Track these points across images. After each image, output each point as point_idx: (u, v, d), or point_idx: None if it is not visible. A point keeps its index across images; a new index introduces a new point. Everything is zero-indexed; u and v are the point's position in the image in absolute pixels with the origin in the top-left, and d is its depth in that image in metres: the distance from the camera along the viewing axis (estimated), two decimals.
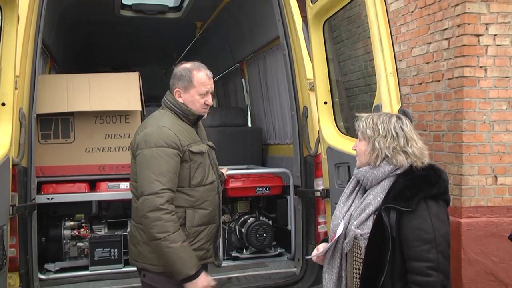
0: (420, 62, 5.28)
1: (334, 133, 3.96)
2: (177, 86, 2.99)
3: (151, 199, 2.74)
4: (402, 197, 2.30)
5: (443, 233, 2.27)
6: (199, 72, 2.98)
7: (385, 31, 3.26)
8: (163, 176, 2.77)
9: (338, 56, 6.75)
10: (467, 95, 4.65)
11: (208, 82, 3.00)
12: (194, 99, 2.97)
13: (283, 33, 4.40)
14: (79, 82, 4.31)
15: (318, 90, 3.96)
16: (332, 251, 2.50)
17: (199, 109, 3.00)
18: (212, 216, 3.02)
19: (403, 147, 2.40)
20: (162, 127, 2.86)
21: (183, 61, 3.08)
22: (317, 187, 4.19)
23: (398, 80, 3.26)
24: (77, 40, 7.03)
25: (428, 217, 2.27)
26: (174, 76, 3.01)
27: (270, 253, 4.85)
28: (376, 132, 2.43)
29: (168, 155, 2.80)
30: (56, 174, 4.34)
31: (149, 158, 2.80)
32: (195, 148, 2.92)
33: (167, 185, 2.77)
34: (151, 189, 2.75)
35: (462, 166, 4.67)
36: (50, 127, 4.34)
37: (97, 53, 8.26)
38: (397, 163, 2.39)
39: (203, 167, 2.96)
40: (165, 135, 2.83)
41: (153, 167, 2.78)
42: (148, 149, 2.82)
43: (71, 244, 4.45)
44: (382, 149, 2.41)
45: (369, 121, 2.48)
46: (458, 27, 4.69)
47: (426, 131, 5.14)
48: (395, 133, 2.42)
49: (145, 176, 2.79)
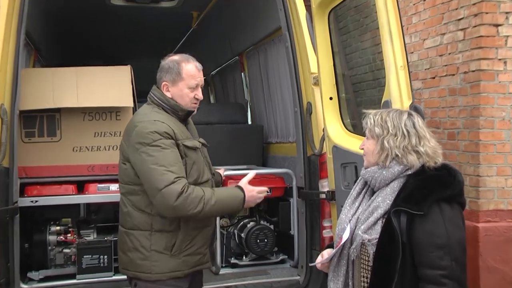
0: (433, 55, 5.26)
1: (340, 131, 3.95)
2: (164, 79, 3.00)
3: (169, 190, 2.73)
4: (413, 200, 2.29)
5: (457, 239, 2.26)
6: (188, 64, 2.99)
7: (395, 21, 3.25)
8: (172, 165, 2.78)
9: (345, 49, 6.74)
10: (485, 90, 4.64)
11: (197, 74, 3.01)
12: (183, 93, 2.98)
13: (285, 23, 4.40)
14: (66, 76, 4.31)
15: (323, 85, 3.96)
16: (338, 257, 2.49)
17: (189, 104, 3.01)
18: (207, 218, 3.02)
19: (415, 146, 2.39)
20: (155, 121, 2.87)
21: (170, 54, 3.09)
22: (322, 188, 4.19)
23: (409, 74, 3.25)
24: (64, 31, 7.02)
25: (442, 221, 2.26)
26: (162, 69, 3.02)
27: (271, 259, 4.85)
28: (385, 130, 2.42)
29: (168, 145, 2.82)
30: (40, 175, 4.33)
31: (152, 152, 2.80)
32: (189, 143, 2.94)
33: (179, 173, 2.79)
34: (166, 181, 2.74)
35: (479, 166, 4.65)
36: (34, 124, 4.34)
37: (86, 45, 8.25)
38: (408, 163, 2.38)
39: (198, 164, 2.97)
40: (160, 128, 2.83)
41: (159, 160, 2.78)
42: (147, 146, 2.81)
43: (57, 250, 4.44)
44: (392, 149, 2.40)
45: (377, 118, 2.46)
46: (475, 17, 4.68)
47: (440, 128, 5.12)
48: (406, 131, 2.40)
49: (153, 172, 2.78)
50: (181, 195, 2.74)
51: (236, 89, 7.35)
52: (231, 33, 6.76)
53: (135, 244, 2.90)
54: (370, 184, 2.49)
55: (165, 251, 2.89)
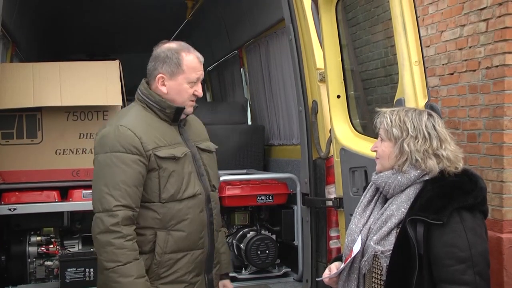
0: (451, 48, 5.26)
1: (348, 132, 3.95)
2: (160, 71, 2.80)
3: (101, 218, 2.61)
4: (432, 208, 2.28)
5: (481, 251, 2.26)
6: (188, 55, 2.82)
7: (409, 12, 3.24)
8: (117, 189, 2.62)
9: (354, 42, 6.75)
10: (509, 87, 4.63)
11: (199, 66, 2.86)
12: (182, 88, 2.82)
13: (289, 14, 4.39)
14: (47, 72, 4.31)
15: (330, 82, 3.96)
16: (348, 271, 2.48)
17: (186, 101, 2.85)
18: (193, 239, 2.81)
19: (436, 149, 2.39)
20: (120, 126, 2.71)
21: (164, 41, 2.92)
22: (328, 195, 4.19)
23: (424, 69, 3.25)
24: (45, 22, 7.02)
25: (463, 231, 2.25)
26: (157, 58, 2.82)
27: (273, 273, 4.86)
28: (405, 132, 2.42)
29: (124, 162, 2.65)
30: (20, 181, 4.34)
31: (103, 166, 2.69)
32: (163, 153, 2.73)
33: (123, 201, 2.62)
34: (102, 206, 2.62)
35: (503, 171, 4.65)
36: (12, 125, 4.34)
37: (70, 37, 8.27)
38: (426, 168, 2.38)
39: (177, 176, 2.76)
40: (122, 137, 2.68)
41: (106, 178, 2.65)
42: (102, 154, 2.71)
43: (38, 263, 4.44)
44: (412, 153, 2.39)
45: (395, 118, 2.46)
46: (499, 6, 4.67)
47: (459, 129, 5.12)
48: (427, 133, 2.41)
49: (96, 190, 2.69)
50: (106, 233, 2.60)
51: (235, 87, 7.36)
52: (229, 24, 6.76)
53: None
54: (382, 190, 2.48)
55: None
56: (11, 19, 5.05)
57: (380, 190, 2.50)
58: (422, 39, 3.34)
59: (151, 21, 7.23)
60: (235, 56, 7.02)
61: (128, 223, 2.64)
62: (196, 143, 2.96)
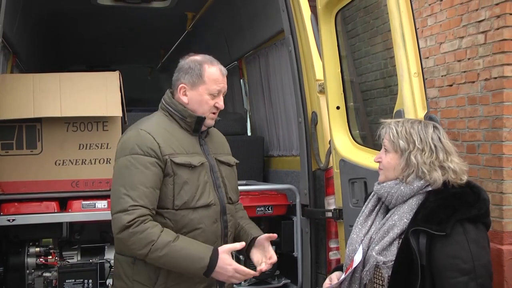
0: (450, 60, 5.27)
1: (348, 143, 3.95)
2: (182, 81, 2.87)
3: (119, 218, 2.63)
4: (435, 219, 2.28)
5: (484, 263, 2.25)
6: (211, 67, 2.87)
7: (408, 24, 3.25)
8: (134, 189, 2.65)
9: (353, 53, 6.77)
10: (508, 99, 4.64)
11: (221, 79, 2.90)
12: (203, 99, 2.85)
13: (288, 25, 4.41)
14: (47, 83, 4.30)
15: (330, 93, 3.96)
16: (349, 281, 2.47)
17: (206, 113, 2.87)
18: None
19: (442, 161, 2.39)
20: (140, 130, 2.77)
21: (191, 53, 2.97)
22: (328, 206, 4.18)
23: (423, 81, 3.25)
24: (46, 33, 7.03)
25: (466, 243, 2.25)
26: (180, 69, 2.89)
27: (273, 284, 4.82)
28: (412, 144, 2.42)
29: (142, 163, 2.69)
30: (19, 191, 4.31)
31: (122, 168, 2.72)
32: (180, 159, 2.76)
33: (140, 201, 2.64)
34: (120, 206, 2.65)
35: (503, 182, 4.65)
36: (12, 135, 4.32)
37: (70, 48, 8.27)
38: (431, 179, 2.37)
39: (192, 185, 2.77)
40: (141, 140, 2.73)
41: (124, 179, 2.69)
42: (122, 157, 2.74)
43: (36, 274, 4.40)
44: (419, 165, 2.39)
45: (401, 129, 2.46)
46: (497, 18, 4.69)
47: (458, 141, 5.12)
48: (434, 145, 2.41)
49: (115, 191, 2.71)
50: (125, 229, 2.61)
51: (235, 97, 7.36)
52: (229, 36, 6.77)
53: (119, 271, 2.82)
54: (385, 200, 2.48)
55: (148, 284, 2.75)
56: (12, 31, 5.06)
57: (382, 200, 2.50)
58: (421, 50, 3.36)
59: (151, 32, 7.24)
60: (235, 67, 7.03)
61: (144, 221, 2.64)
62: (216, 155, 2.98)
